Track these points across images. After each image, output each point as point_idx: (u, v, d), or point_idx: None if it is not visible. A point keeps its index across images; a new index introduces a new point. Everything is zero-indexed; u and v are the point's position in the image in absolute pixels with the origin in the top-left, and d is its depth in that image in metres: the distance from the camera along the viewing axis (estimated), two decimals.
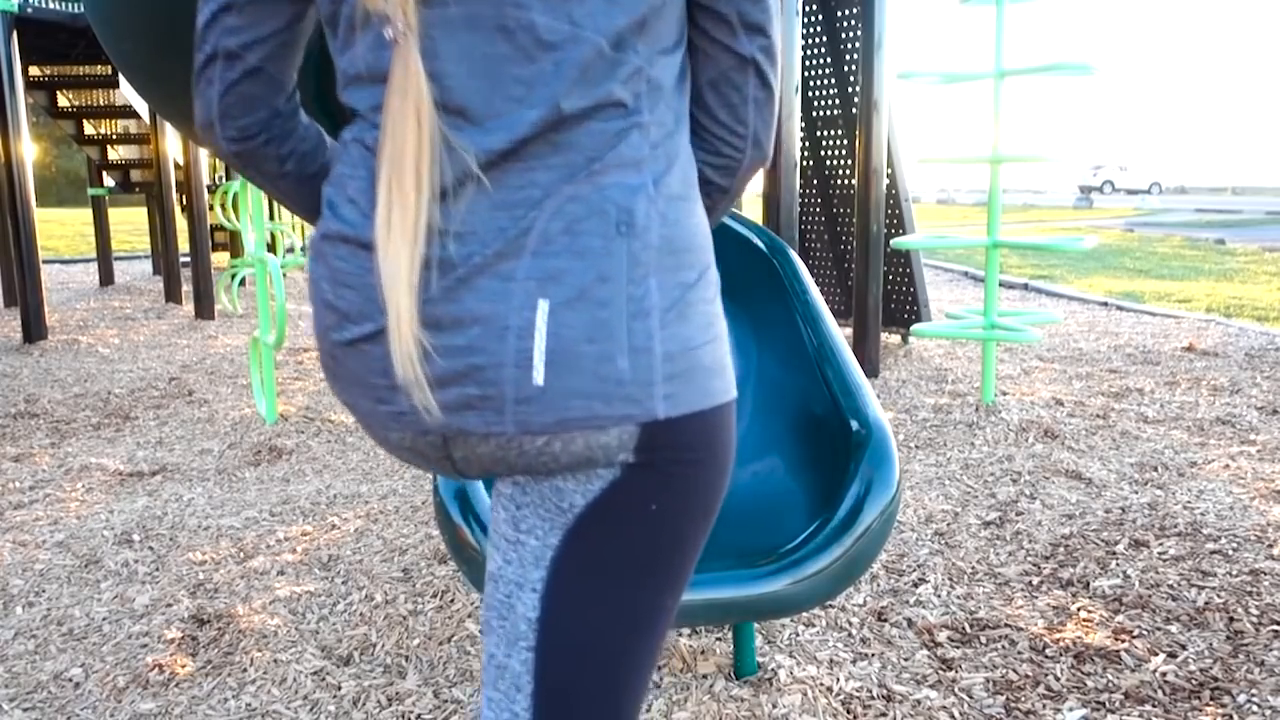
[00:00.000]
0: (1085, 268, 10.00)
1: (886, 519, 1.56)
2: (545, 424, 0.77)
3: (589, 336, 0.75)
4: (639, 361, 0.77)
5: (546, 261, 0.76)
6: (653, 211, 0.79)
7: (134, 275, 10.78)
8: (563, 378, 0.75)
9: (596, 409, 0.76)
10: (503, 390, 0.76)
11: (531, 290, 0.75)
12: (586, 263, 0.76)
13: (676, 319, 0.79)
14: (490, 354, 0.76)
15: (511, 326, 0.75)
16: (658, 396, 0.77)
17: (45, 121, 9.31)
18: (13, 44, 5.76)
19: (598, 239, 0.77)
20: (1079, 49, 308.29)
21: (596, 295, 0.76)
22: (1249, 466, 3.18)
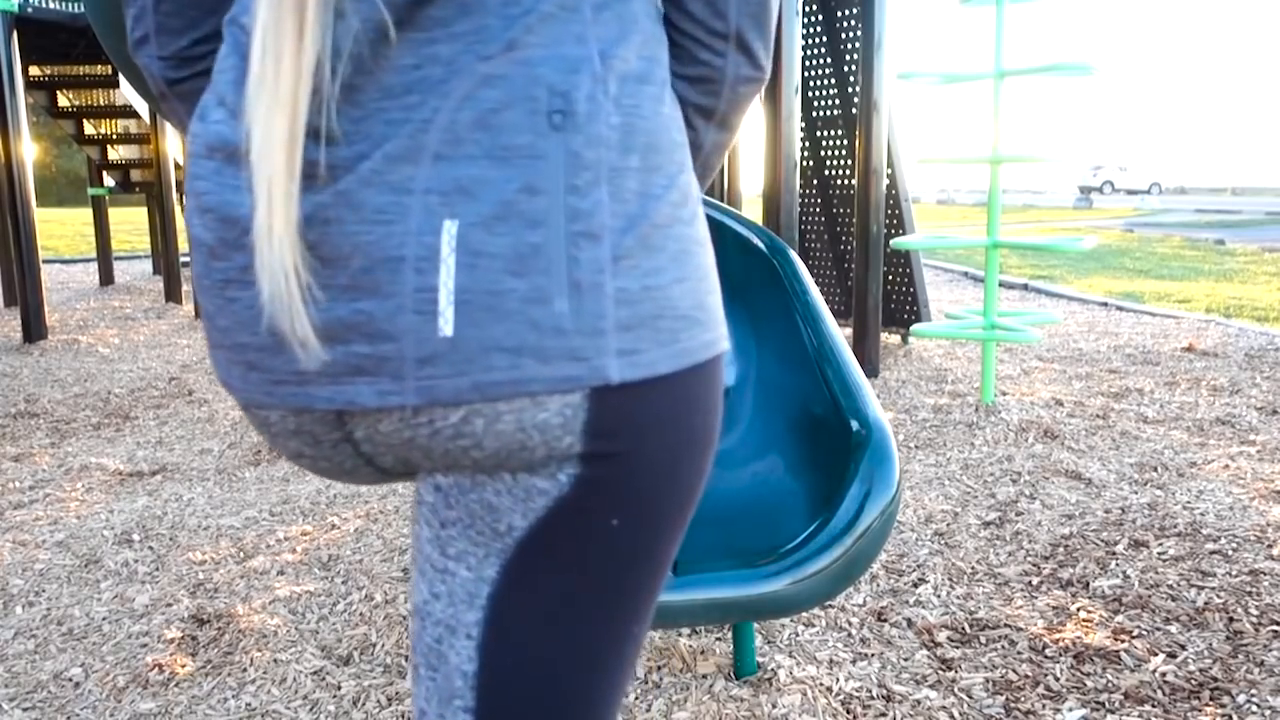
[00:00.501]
0: (1085, 268, 10.01)
1: (886, 519, 1.56)
2: (458, 390, 0.57)
3: (514, 268, 0.56)
4: (584, 302, 0.57)
5: (454, 168, 0.57)
6: (599, 94, 0.60)
7: (134, 275, 10.78)
8: (480, 325, 0.56)
9: (528, 368, 0.57)
10: (400, 345, 0.57)
11: (434, 206, 0.56)
12: (509, 168, 0.57)
13: (637, 245, 0.59)
14: (381, 295, 0.56)
15: (408, 257, 0.56)
16: (609, 351, 0.58)
17: (45, 121, 9.30)
18: (13, 44, 5.75)
19: (524, 134, 0.58)
20: (1079, 49, 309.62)
21: (524, 211, 0.57)
22: (1249, 467, 3.18)
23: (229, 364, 0.64)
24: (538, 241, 0.56)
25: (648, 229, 0.60)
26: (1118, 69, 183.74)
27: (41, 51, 7.29)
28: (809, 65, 5.71)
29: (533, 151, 0.57)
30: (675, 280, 0.62)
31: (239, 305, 0.61)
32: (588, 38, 0.60)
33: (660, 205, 0.62)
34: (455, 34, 0.58)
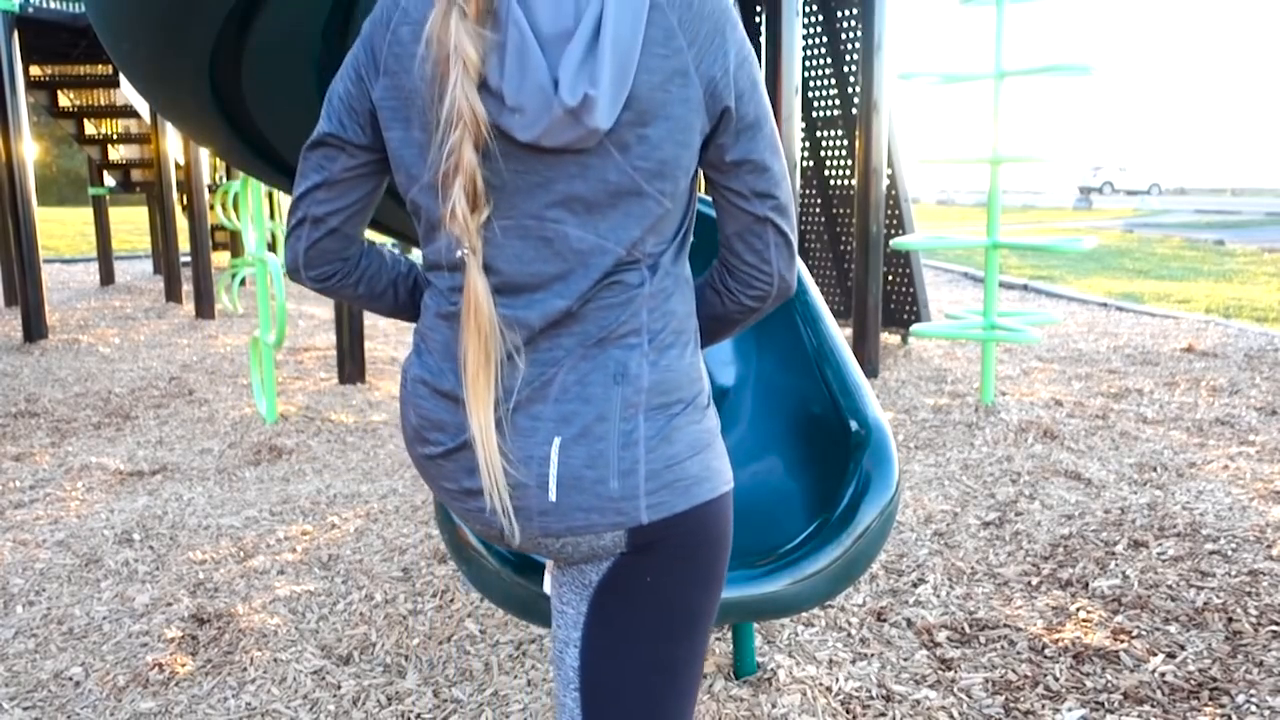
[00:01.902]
0: (1085, 268, 10.01)
1: (886, 519, 1.56)
2: (558, 529, 0.99)
3: (588, 464, 0.96)
4: (626, 481, 0.97)
5: (561, 406, 0.97)
6: (644, 363, 0.99)
7: (134, 275, 10.78)
8: (569, 495, 0.97)
9: (594, 519, 0.98)
10: (529, 503, 0.98)
11: (550, 429, 0.97)
12: (590, 406, 0.97)
13: (661, 443, 0.98)
14: (523, 476, 0.98)
15: (535, 457, 0.97)
16: (641, 507, 0.97)
17: (46, 121, 9.32)
18: (14, 44, 5.76)
19: (599, 387, 0.97)
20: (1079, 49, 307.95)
21: (594, 431, 0.97)
22: (1248, 467, 3.19)
23: (442, 489, 1.06)
24: (601, 449, 0.97)
25: (669, 432, 0.99)
26: (1118, 69, 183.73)
27: (42, 51, 7.29)
28: (809, 65, 5.71)
29: (604, 397, 0.97)
30: (687, 457, 1.00)
31: (447, 467, 1.03)
32: (642, 332, 0.99)
33: (676, 419, 1.00)
34: (572, 333, 0.98)
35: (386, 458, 3.56)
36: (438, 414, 1.03)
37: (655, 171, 0.96)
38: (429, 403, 1.04)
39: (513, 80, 0.91)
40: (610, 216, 0.97)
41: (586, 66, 0.90)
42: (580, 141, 0.92)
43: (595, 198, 0.96)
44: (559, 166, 0.94)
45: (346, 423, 4.06)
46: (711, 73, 0.96)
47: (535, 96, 0.90)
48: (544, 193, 0.96)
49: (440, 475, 1.05)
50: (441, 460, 1.04)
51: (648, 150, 0.95)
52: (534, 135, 0.91)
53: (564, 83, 0.90)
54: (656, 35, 0.93)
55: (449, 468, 1.03)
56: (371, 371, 5.08)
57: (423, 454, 1.06)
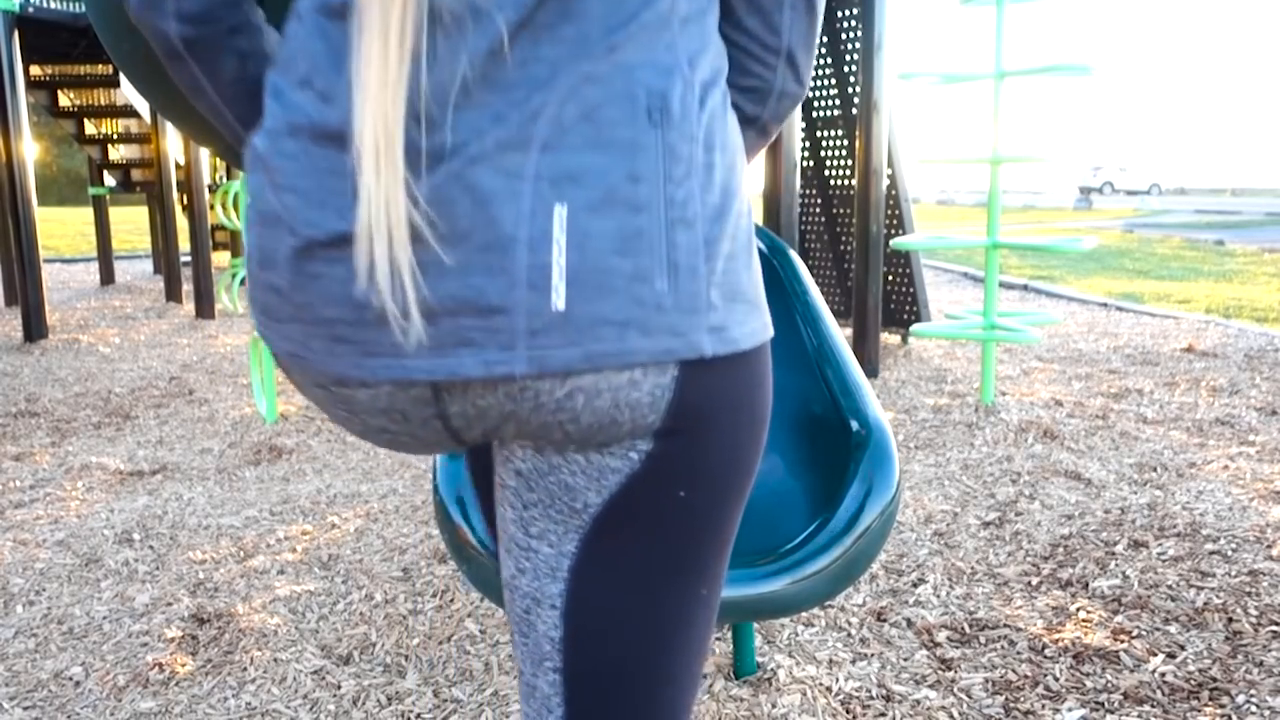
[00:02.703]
0: (1085, 268, 10.01)
1: (886, 519, 1.56)
2: (569, 360, 0.61)
3: (620, 249, 0.61)
4: (681, 282, 0.63)
5: (562, 157, 0.61)
6: (689, 96, 0.66)
7: (135, 274, 10.78)
8: (589, 300, 0.61)
9: (632, 340, 0.61)
10: (512, 318, 0.61)
11: (544, 191, 0.61)
12: (613, 157, 0.62)
13: (722, 233, 0.65)
14: (494, 271, 0.60)
15: (520, 237, 0.60)
16: (703, 328, 0.63)
17: (46, 121, 9.31)
18: (14, 43, 5.76)
19: (625, 128, 0.63)
20: (1079, 49, 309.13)
21: (628, 197, 0.62)
22: (1248, 467, 3.19)
23: (307, 338, 0.66)
24: (641, 225, 0.62)
25: (729, 220, 0.67)
26: (1118, 69, 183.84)
27: (42, 51, 7.29)
28: None
29: (634, 144, 0.63)
30: (746, 267, 0.69)
31: (325, 280, 0.64)
32: (677, 47, 0.67)
33: (736, 199, 0.69)
34: (560, 38, 0.63)
35: (387, 457, 3.56)
36: (315, 175, 0.64)
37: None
38: (299, 161, 0.64)
39: None
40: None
41: None
42: None
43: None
44: None
45: None
46: None
47: None
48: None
49: (314, 298, 0.64)
50: (318, 261, 0.63)
51: None
52: None
53: None
54: None
55: (333, 274, 0.63)
56: None
57: (283, 255, 0.64)
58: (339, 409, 0.69)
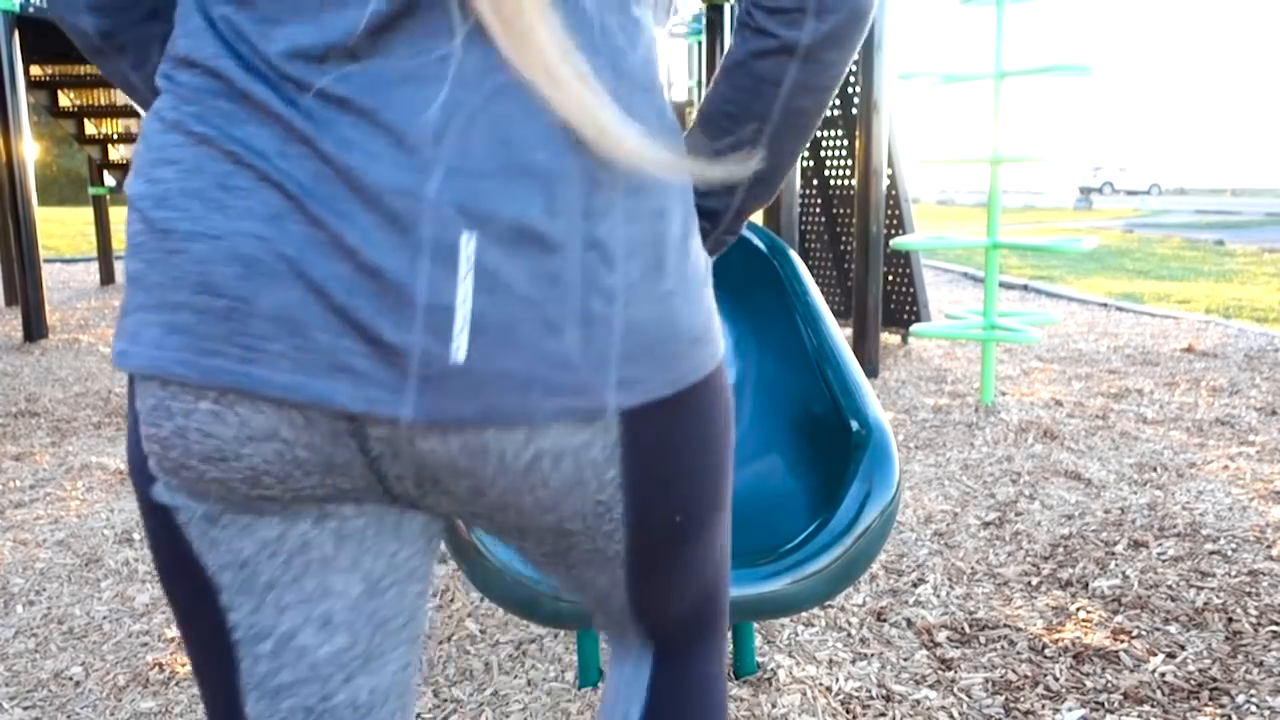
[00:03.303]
0: (1085, 268, 10.01)
1: (886, 519, 1.56)
2: (462, 413, 0.56)
3: (530, 295, 0.55)
4: (594, 334, 0.56)
5: (469, 180, 0.54)
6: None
7: None
8: (493, 355, 0.55)
9: (534, 400, 0.56)
10: (405, 361, 0.54)
11: (449, 216, 0.53)
12: (528, 185, 0.55)
13: (649, 269, 0.58)
14: (387, 302, 0.54)
15: (420, 270, 0.53)
16: (610, 384, 0.57)
17: (46, 121, 9.31)
18: (14, 43, 5.76)
19: (541, 150, 0.55)
20: (1078, 49, 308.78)
21: (543, 234, 0.55)
22: (1248, 467, 3.19)
23: (141, 326, 0.57)
24: (555, 269, 0.55)
25: (660, 252, 0.59)
26: (1117, 69, 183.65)
27: (42, 51, 7.29)
28: None
29: (550, 170, 0.55)
30: (682, 302, 0.61)
31: (183, 258, 0.56)
32: (600, 47, 0.58)
33: (671, 224, 0.60)
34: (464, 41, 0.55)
35: None
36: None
37: None
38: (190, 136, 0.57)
39: None
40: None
41: None
42: None
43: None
44: None
45: None
46: None
47: None
48: None
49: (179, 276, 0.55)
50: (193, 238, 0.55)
51: None
52: None
53: None
54: None
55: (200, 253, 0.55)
56: None
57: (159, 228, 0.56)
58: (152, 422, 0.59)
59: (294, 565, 0.62)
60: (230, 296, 0.54)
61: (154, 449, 0.59)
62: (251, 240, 0.54)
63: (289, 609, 0.62)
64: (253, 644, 0.63)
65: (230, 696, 0.64)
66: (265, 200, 0.54)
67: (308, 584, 0.62)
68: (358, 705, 0.67)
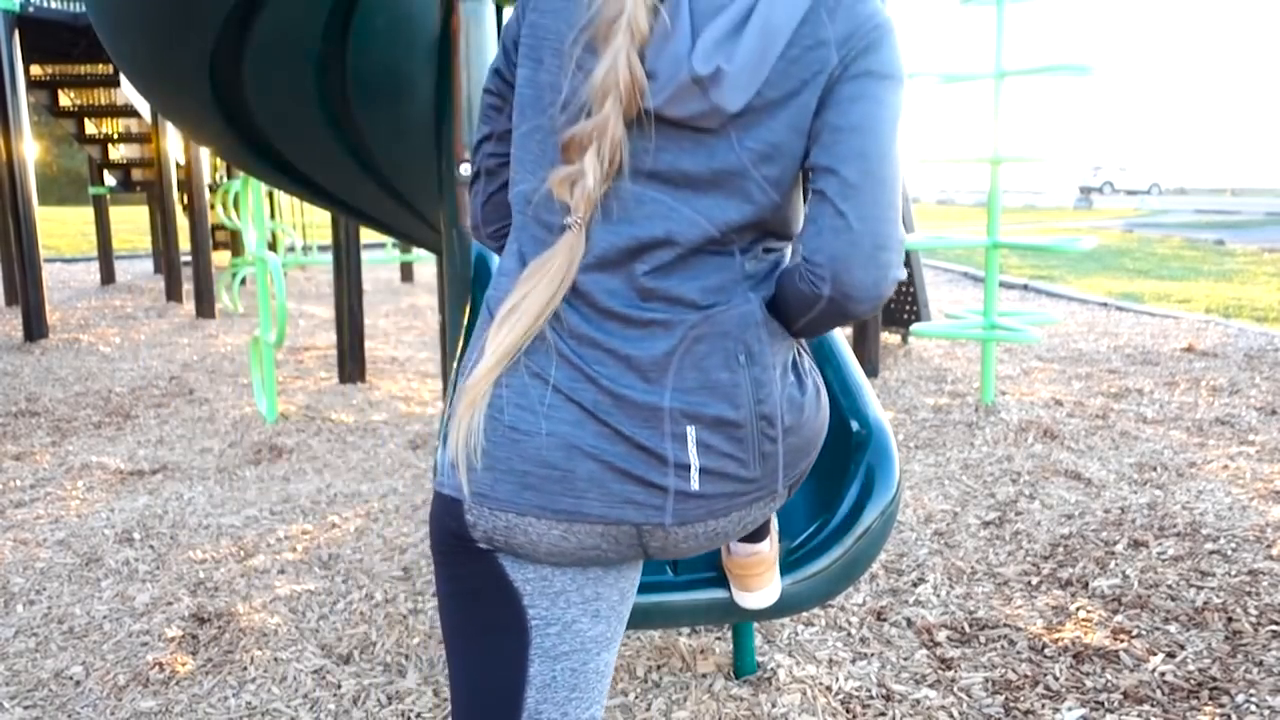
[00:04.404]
0: (1085, 268, 10.01)
1: (886, 519, 1.56)
2: (698, 516, 0.96)
3: (729, 451, 0.94)
4: (767, 464, 0.97)
5: (686, 395, 0.93)
6: (764, 335, 0.94)
7: (135, 274, 10.78)
8: (712, 484, 0.95)
9: (737, 501, 0.97)
10: (666, 494, 0.95)
11: (679, 418, 0.93)
12: (719, 394, 0.93)
13: (794, 421, 0.97)
14: (656, 464, 0.94)
15: (667, 448, 0.94)
16: (778, 482, 0.99)
17: (47, 120, 9.32)
18: (14, 43, 5.76)
19: (724, 372, 0.94)
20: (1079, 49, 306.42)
21: (731, 420, 0.94)
22: (1248, 467, 3.19)
23: (495, 481, 0.94)
24: (741, 435, 0.94)
25: (799, 402, 0.98)
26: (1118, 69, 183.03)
27: (43, 51, 7.29)
28: None
29: (732, 383, 0.93)
30: (814, 426, 1.01)
31: (527, 444, 0.93)
32: (752, 300, 0.94)
33: (798, 392, 0.99)
34: (673, 299, 0.93)
35: (387, 457, 3.56)
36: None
37: (764, 155, 0.90)
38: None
39: (655, 45, 0.86)
40: (710, 195, 0.90)
41: (728, 41, 0.85)
42: (704, 118, 0.86)
43: (699, 174, 0.89)
44: (674, 138, 0.89)
45: (347, 422, 4.07)
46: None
47: (670, 63, 0.86)
48: (650, 161, 0.90)
49: (522, 454, 0.94)
50: (527, 436, 0.93)
51: (762, 133, 0.89)
52: (660, 101, 0.86)
53: (700, 51, 0.85)
54: (806, 33, 0.88)
55: (539, 443, 0.93)
56: (372, 371, 5.08)
57: (507, 424, 0.94)
58: (513, 537, 0.97)
59: (579, 581, 0.99)
60: (560, 469, 0.92)
61: (496, 540, 0.96)
62: (569, 435, 0.92)
63: (573, 605, 0.99)
64: (544, 627, 0.98)
65: (518, 663, 0.98)
66: (570, 412, 0.93)
67: (587, 591, 1.00)
68: (600, 671, 1.02)
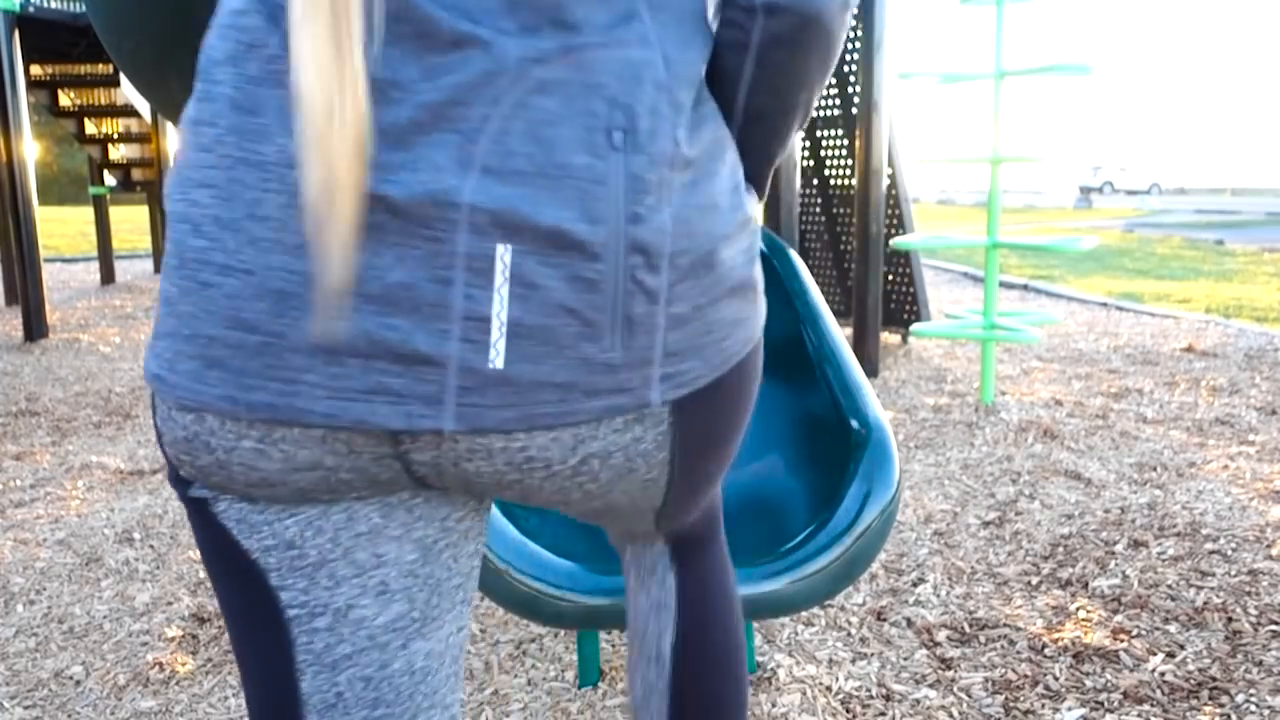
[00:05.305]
0: (1085, 268, 10.01)
1: (886, 519, 1.56)
2: (504, 421, 0.55)
3: (568, 303, 0.54)
4: (635, 337, 0.56)
5: (505, 185, 0.52)
6: (663, 105, 0.55)
7: (135, 274, 10.78)
8: (531, 360, 0.54)
9: (574, 402, 0.56)
10: (443, 373, 0.54)
11: (484, 226, 0.51)
12: (565, 191, 0.53)
13: (697, 267, 0.58)
14: (421, 316, 0.53)
15: (456, 281, 0.52)
16: (654, 380, 0.57)
17: (47, 120, 9.31)
18: (14, 43, 5.76)
19: (580, 153, 0.53)
20: (1079, 49, 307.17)
21: (581, 242, 0.53)
22: (1248, 467, 3.19)
23: (177, 357, 0.56)
24: (593, 277, 0.53)
25: (710, 245, 0.58)
26: (1118, 69, 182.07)
27: (43, 51, 7.29)
28: None
29: (592, 175, 0.53)
30: (728, 293, 0.60)
31: (216, 292, 0.54)
32: (650, 40, 0.56)
33: (721, 212, 0.58)
34: (503, 29, 0.52)
35: None
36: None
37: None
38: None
39: None
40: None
41: None
42: None
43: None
44: None
45: None
46: None
47: None
48: None
49: (210, 309, 0.54)
50: (223, 270, 0.54)
51: None
52: None
53: None
54: None
55: (232, 287, 0.54)
56: None
57: (191, 256, 0.55)
58: (196, 448, 0.59)
59: (342, 540, 0.61)
60: (261, 332, 0.53)
61: (188, 470, 0.60)
62: (282, 269, 0.52)
63: (343, 582, 0.62)
64: (308, 620, 0.62)
65: (284, 675, 0.64)
66: (288, 223, 0.52)
67: (359, 555, 0.62)
68: (414, 671, 0.66)
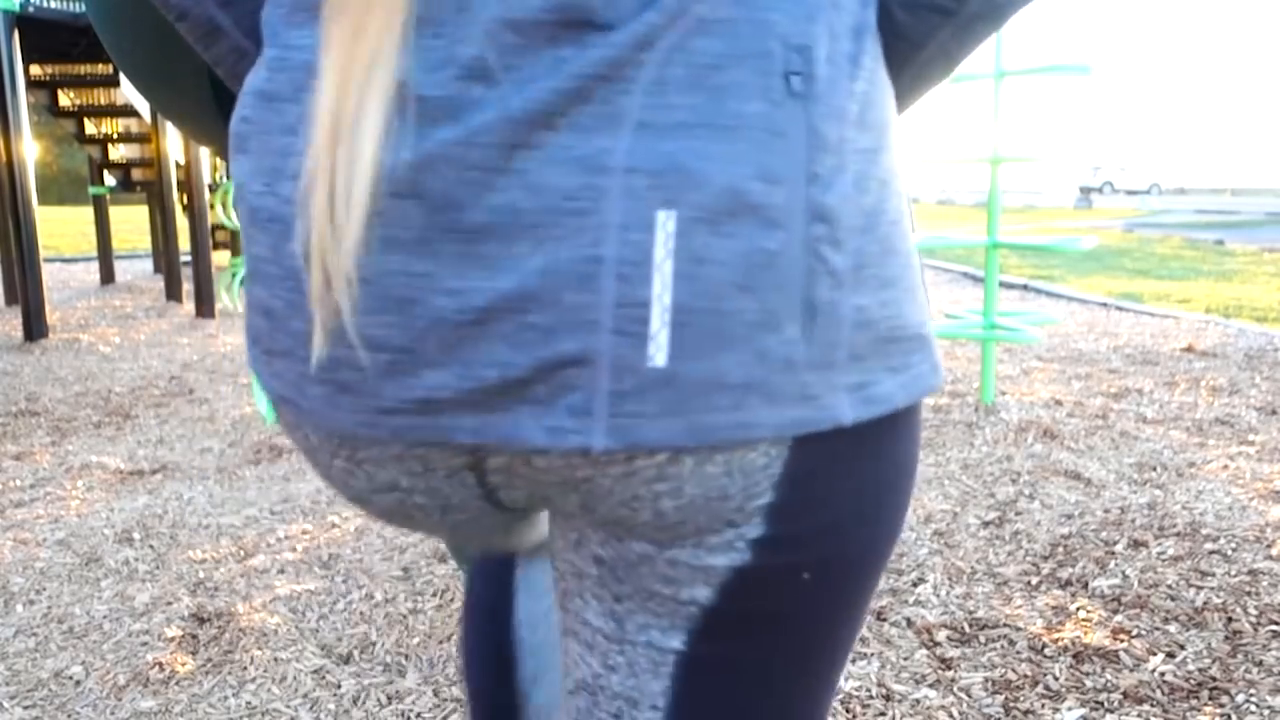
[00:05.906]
0: (1085, 268, 10.01)
1: None
2: (668, 435, 0.44)
3: (744, 282, 0.43)
4: (818, 328, 0.44)
5: (665, 140, 0.42)
6: (838, 52, 0.46)
7: (135, 274, 10.78)
8: (702, 355, 0.43)
9: (754, 409, 0.44)
10: (593, 374, 0.43)
11: (641, 191, 0.42)
12: (740, 144, 0.43)
13: (878, 249, 0.47)
14: (563, 306, 0.42)
15: (607, 259, 0.42)
16: (840, 387, 0.46)
17: (46, 120, 9.31)
18: (14, 43, 5.76)
19: (755, 101, 0.43)
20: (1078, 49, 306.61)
21: (760, 205, 0.43)
22: (1247, 467, 3.19)
23: (300, 380, 0.49)
24: (774, 248, 0.43)
25: (887, 227, 0.48)
26: (1117, 69, 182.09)
27: (43, 51, 7.29)
28: None
29: (769, 125, 0.43)
30: (908, 290, 0.49)
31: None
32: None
33: (895, 196, 0.49)
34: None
35: None
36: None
37: None
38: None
39: None
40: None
41: None
42: None
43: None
44: None
45: None
46: None
47: None
48: None
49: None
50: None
51: None
52: None
53: None
54: None
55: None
56: None
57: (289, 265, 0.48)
58: (319, 455, 0.54)
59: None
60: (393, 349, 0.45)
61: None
62: (403, 262, 0.44)
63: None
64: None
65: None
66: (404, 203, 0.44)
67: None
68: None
